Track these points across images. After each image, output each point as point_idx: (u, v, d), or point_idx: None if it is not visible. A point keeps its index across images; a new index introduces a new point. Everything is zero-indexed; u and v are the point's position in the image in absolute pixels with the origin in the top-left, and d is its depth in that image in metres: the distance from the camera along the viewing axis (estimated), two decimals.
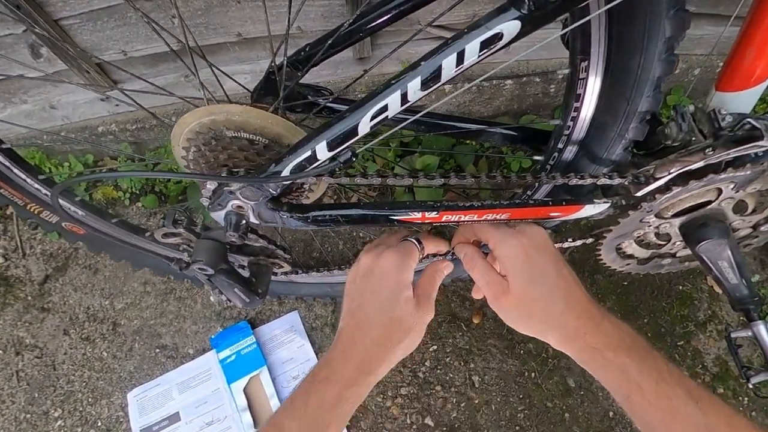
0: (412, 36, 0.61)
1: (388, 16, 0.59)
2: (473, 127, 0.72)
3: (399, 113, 0.45)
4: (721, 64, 0.54)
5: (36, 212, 0.78)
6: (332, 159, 0.48)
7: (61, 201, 0.76)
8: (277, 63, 0.63)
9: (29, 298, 1.18)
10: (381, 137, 0.50)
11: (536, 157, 0.69)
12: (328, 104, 0.66)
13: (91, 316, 1.16)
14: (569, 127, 0.60)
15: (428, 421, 1.04)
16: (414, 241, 0.57)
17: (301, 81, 0.69)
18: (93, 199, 1.26)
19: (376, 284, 0.52)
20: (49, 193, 0.73)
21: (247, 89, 0.72)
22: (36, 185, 0.73)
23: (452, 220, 0.58)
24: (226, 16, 0.96)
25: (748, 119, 0.51)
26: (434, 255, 0.63)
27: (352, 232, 1.23)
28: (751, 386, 0.74)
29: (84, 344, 1.13)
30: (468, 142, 1.24)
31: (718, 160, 0.54)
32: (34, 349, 1.12)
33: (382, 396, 1.06)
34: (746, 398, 1.09)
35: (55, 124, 1.19)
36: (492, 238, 0.52)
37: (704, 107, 0.56)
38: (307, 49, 0.64)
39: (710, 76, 1.26)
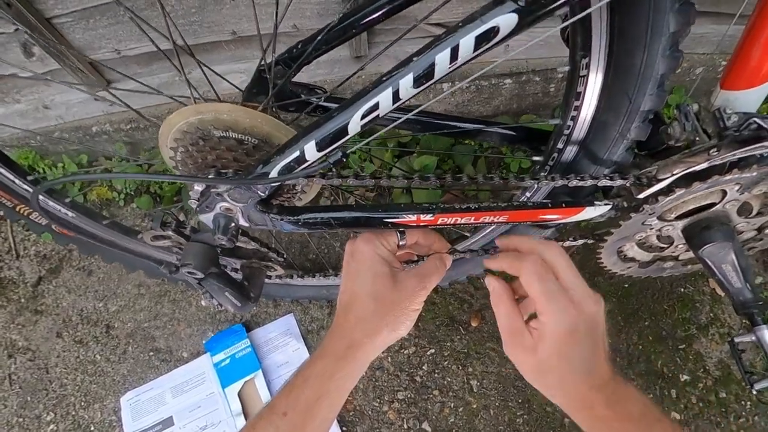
0: (405, 32, 0.59)
1: (382, 11, 0.57)
2: (471, 126, 0.70)
3: (393, 111, 0.43)
4: (724, 63, 0.53)
5: (25, 214, 0.77)
6: (322, 160, 0.46)
7: (50, 202, 0.75)
8: (269, 61, 0.61)
9: (22, 300, 1.16)
10: (373, 137, 0.48)
11: (535, 158, 0.67)
12: (321, 103, 0.64)
13: (84, 318, 1.14)
14: (569, 126, 0.59)
15: (425, 426, 1.02)
16: (396, 230, 0.56)
17: (296, 80, 0.67)
18: (88, 200, 1.25)
19: (354, 265, 0.52)
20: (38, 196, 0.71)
21: (239, 88, 0.70)
22: (24, 186, 0.71)
23: (448, 222, 0.57)
24: (221, 14, 0.95)
25: (755, 119, 0.50)
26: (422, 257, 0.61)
27: (349, 234, 1.22)
28: (754, 392, 0.72)
29: (77, 347, 1.11)
30: (467, 142, 1.22)
31: (723, 161, 0.53)
32: (27, 351, 1.11)
33: (378, 400, 1.04)
34: (749, 402, 1.07)
35: (48, 124, 1.17)
36: (543, 299, 0.45)
37: (708, 106, 0.55)
38: (299, 46, 0.62)
39: (713, 76, 1.24)
